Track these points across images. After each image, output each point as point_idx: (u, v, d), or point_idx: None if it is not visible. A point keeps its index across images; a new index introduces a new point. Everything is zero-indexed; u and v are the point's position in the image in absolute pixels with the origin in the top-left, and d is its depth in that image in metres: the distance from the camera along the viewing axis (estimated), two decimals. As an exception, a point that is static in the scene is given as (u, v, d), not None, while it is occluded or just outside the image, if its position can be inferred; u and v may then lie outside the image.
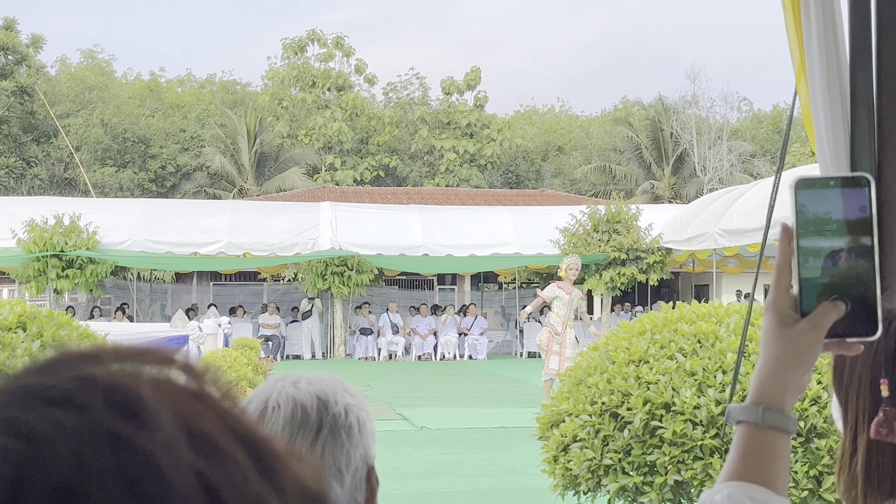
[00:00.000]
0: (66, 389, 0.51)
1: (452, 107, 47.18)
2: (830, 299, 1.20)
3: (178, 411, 0.52)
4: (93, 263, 24.00)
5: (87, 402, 0.50)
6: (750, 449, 1.24)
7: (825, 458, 4.46)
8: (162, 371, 0.55)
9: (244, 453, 0.53)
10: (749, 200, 21.45)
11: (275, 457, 0.54)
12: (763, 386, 1.24)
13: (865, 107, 2.84)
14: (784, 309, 1.22)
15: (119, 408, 0.50)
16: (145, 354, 0.56)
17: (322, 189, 37.24)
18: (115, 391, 0.51)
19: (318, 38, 47.34)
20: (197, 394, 0.54)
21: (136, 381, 0.53)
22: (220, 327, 16.72)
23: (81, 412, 0.50)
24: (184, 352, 0.59)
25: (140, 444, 0.49)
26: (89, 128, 44.79)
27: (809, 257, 1.19)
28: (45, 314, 5.53)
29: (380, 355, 26.84)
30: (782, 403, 1.24)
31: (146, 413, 0.51)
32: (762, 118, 52.59)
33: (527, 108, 59.95)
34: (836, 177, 1.21)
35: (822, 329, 1.21)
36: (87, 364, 0.53)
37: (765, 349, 1.25)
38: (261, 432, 0.55)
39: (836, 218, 1.19)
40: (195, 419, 0.52)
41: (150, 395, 0.52)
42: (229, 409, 0.55)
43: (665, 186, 44.37)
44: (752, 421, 1.24)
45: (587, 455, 4.85)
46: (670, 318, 5.26)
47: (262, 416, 1.58)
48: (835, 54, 2.90)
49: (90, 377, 0.52)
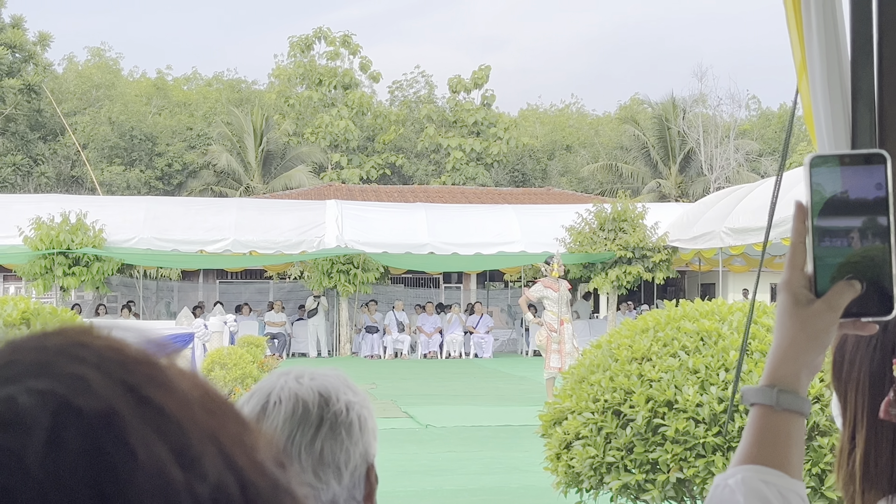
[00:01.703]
0: (73, 350, 0.53)
1: (459, 105, 47.15)
2: (846, 279, 1.18)
3: (184, 376, 0.56)
4: (99, 261, 24.05)
5: (100, 360, 0.53)
6: (764, 432, 1.23)
7: (827, 455, 4.46)
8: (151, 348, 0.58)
9: (235, 416, 0.57)
10: (755, 199, 21.42)
11: (251, 424, 0.58)
12: (777, 367, 1.23)
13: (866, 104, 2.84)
14: (798, 289, 1.21)
15: (132, 365, 0.53)
16: (125, 332, 0.58)
17: (328, 187, 37.26)
18: (124, 353, 0.54)
19: (325, 36, 47.36)
20: (181, 366, 0.58)
21: (134, 347, 0.56)
22: (225, 325, 16.74)
23: (99, 367, 0.52)
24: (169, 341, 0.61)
25: (160, 398, 0.52)
26: (96, 126, 44.87)
27: (824, 236, 1.18)
28: (48, 311, 5.54)
29: (385, 353, 26.87)
30: (797, 385, 1.23)
31: (160, 374, 0.54)
32: (769, 117, 52.48)
33: (534, 106, 59.94)
34: (853, 153, 1.20)
35: (838, 309, 1.19)
36: (79, 334, 0.55)
37: (779, 330, 1.23)
38: (233, 404, 0.59)
39: (852, 196, 1.17)
40: (193, 384, 0.56)
41: (153, 359, 0.55)
42: (211, 383, 0.59)
43: (671, 185, 44.31)
44: (767, 403, 1.22)
45: (590, 452, 4.85)
46: (673, 315, 5.26)
47: (264, 411, 1.58)
48: (835, 51, 2.90)
49: (90, 343, 0.55)
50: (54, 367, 0.51)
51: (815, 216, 1.18)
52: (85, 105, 46.23)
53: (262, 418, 1.57)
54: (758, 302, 4.80)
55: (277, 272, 30.24)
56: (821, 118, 2.93)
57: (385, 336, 27.08)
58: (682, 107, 44.50)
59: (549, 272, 14.67)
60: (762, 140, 47.50)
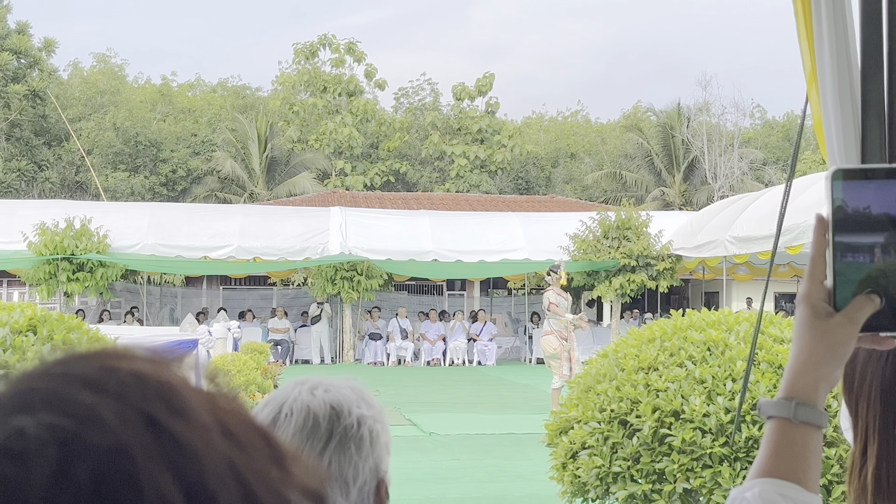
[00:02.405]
0: (98, 377, 0.53)
1: (463, 112, 47.19)
2: (865, 293, 1.18)
3: (205, 402, 0.55)
4: (103, 267, 24.07)
5: (122, 388, 0.52)
6: (782, 445, 1.22)
7: (834, 467, 4.44)
8: (179, 371, 0.57)
9: (262, 444, 0.55)
10: (760, 208, 21.39)
11: (284, 451, 0.57)
12: (796, 380, 1.22)
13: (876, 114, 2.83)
14: (818, 302, 1.20)
15: (154, 395, 0.53)
16: (162, 354, 0.58)
17: (332, 194, 37.28)
18: (146, 380, 0.53)
19: (330, 43, 47.44)
20: (215, 390, 0.58)
21: (165, 374, 0.55)
22: (229, 331, 16.75)
23: (118, 397, 0.51)
24: (194, 354, 0.61)
25: (178, 429, 0.51)
26: (101, 131, 44.95)
27: (844, 250, 1.17)
28: (55, 317, 5.54)
29: (389, 360, 26.85)
30: (815, 398, 1.21)
31: (180, 401, 0.53)
32: (773, 125, 52.49)
33: (539, 113, 59.99)
34: (874, 168, 1.19)
35: (858, 323, 1.19)
36: (111, 359, 0.55)
37: (798, 342, 1.22)
38: (269, 429, 0.58)
39: (874, 211, 1.16)
40: (220, 411, 0.55)
41: (181, 386, 0.55)
42: (243, 406, 0.58)
43: (676, 193, 44.30)
44: (785, 416, 1.21)
45: (596, 462, 4.84)
46: (680, 325, 5.25)
47: (275, 422, 1.58)
48: (846, 62, 2.89)
49: (119, 368, 0.54)
50: (71, 398, 0.51)
51: (835, 230, 1.17)
52: (90, 111, 46.32)
53: (273, 429, 1.57)
54: (765, 312, 4.79)
55: (281, 279, 30.25)
56: (831, 128, 2.92)
57: (388, 343, 27.07)
58: (687, 115, 44.51)
59: (558, 280, 14.56)
60: (766, 148, 47.49)
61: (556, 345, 14.12)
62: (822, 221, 1.19)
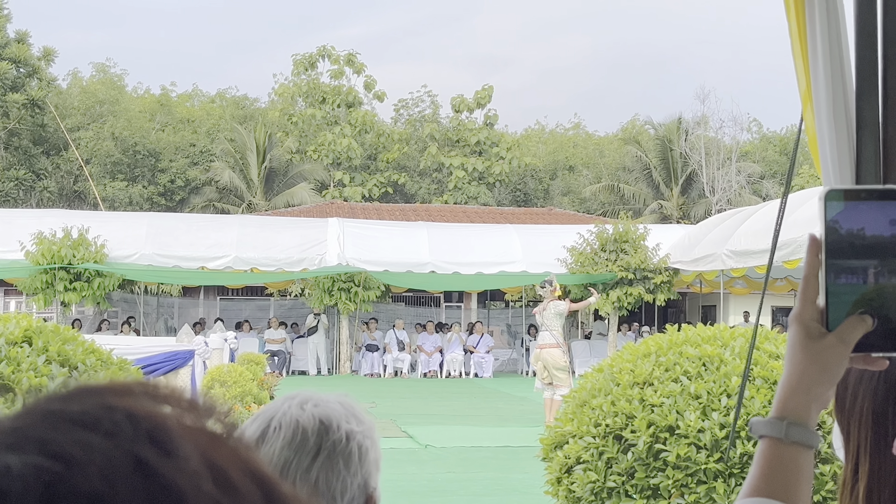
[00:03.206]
0: (93, 415, 0.52)
1: (462, 124, 47.25)
2: (858, 313, 1.18)
3: (199, 445, 0.53)
4: (100, 276, 24.05)
5: (114, 427, 0.51)
6: (773, 464, 1.22)
7: (829, 483, 4.44)
8: (180, 409, 0.57)
9: (258, 492, 0.54)
10: (757, 222, 21.42)
11: (283, 499, 0.56)
12: (787, 400, 1.22)
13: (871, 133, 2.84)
14: (810, 322, 1.20)
15: (145, 436, 0.52)
16: (165, 392, 0.57)
17: (330, 205, 37.30)
18: (141, 421, 0.53)
19: (329, 54, 47.51)
20: (213, 432, 0.56)
21: (161, 414, 0.54)
22: (226, 342, 16.72)
23: (110, 437, 0.51)
24: (201, 393, 0.60)
25: (166, 472, 0.50)
26: (99, 141, 44.96)
27: (837, 270, 1.17)
28: (50, 329, 5.54)
29: (385, 372, 26.83)
30: (807, 418, 1.21)
31: (172, 444, 0.52)
32: (771, 139, 52.56)
33: (538, 125, 60.07)
34: (868, 189, 1.19)
35: (850, 343, 1.19)
36: (111, 395, 0.55)
37: (790, 362, 1.22)
38: (271, 474, 0.57)
39: (867, 232, 1.16)
40: (214, 455, 0.54)
41: (175, 427, 0.53)
42: (243, 449, 0.56)
43: (673, 206, 44.34)
44: (776, 436, 1.21)
45: (590, 477, 4.83)
46: (675, 340, 5.25)
47: (264, 436, 1.58)
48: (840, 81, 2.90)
49: (116, 406, 0.53)
50: (62, 439, 0.50)
51: (828, 250, 1.17)
52: (88, 120, 46.33)
53: (262, 443, 1.57)
54: (760, 328, 4.80)
55: (278, 289, 30.23)
56: (825, 146, 2.93)
57: (385, 354, 27.05)
58: (685, 128, 44.59)
59: (552, 292, 14.57)
60: (764, 162, 47.57)
61: (563, 357, 14.13)
62: (816, 241, 1.19)
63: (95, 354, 5.58)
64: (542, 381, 14.43)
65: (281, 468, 1.54)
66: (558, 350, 14.24)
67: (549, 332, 14.40)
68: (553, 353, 14.24)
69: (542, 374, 14.49)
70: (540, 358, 14.49)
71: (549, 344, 14.36)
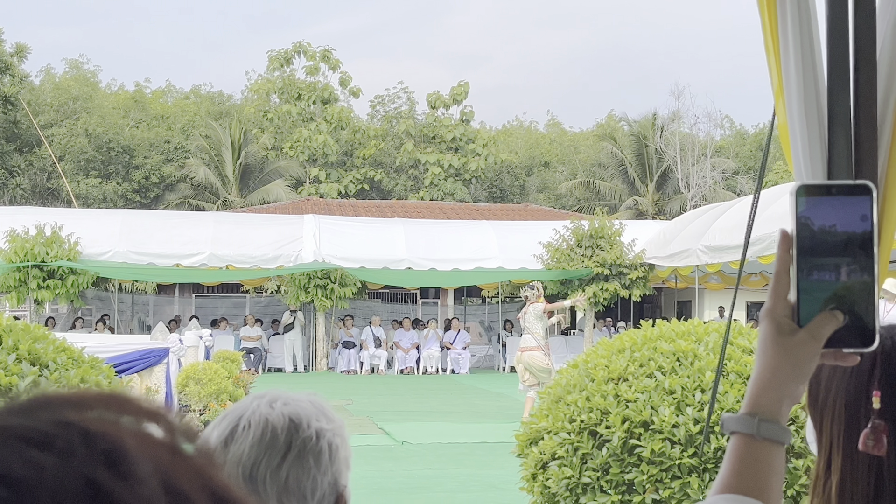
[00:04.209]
0: (46, 432, 0.50)
1: (438, 121, 47.23)
2: (828, 309, 1.18)
3: (158, 466, 0.51)
4: (74, 274, 23.88)
5: (68, 447, 0.49)
6: (744, 461, 1.21)
7: (802, 477, 4.46)
8: (141, 423, 0.54)
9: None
10: (732, 217, 21.51)
11: None
12: (759, 396, 1.22)
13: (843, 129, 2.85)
14: (782, 318, 1.20)
15: (101, 456, 0.50)
16: (126, 404, 0.54)
17: (306, 202, 37.20)
18: (96, 439, 0.50)
19: (305, 50, 47.37)
20: (175, 449, 0.53)
21: (118, 431, 0.52)
22: (201, 340, 16.64)
23: (63, 457, 0.49)
24: (164, 405, 0.58)
25: (120, 497, 0.48)
26: (73, 138, 44.63)
27: (808, 266, 1.17)
28: (21, 327, 5.48)
29: (362, 369, 26.79)
30: (778, 414, 1.21)
31: (127, 465, 0.50)
32: (745, 136, 52.86)
33: (515, 122, 60.15)
34: (839, 184, 1.19)
35: (822, 339, 1.19)
36: (68, 409, 0.52)
37: (762, 358, 1.22)
38: (236, 493, 0.54)
39: (837, 227, 1.16)
40: (173, 475, 0.51)
41: (132, 446, 0.51)
42: (206, 468, 0.54)
43: (648, 202, 44.51)
44: (748, 432, 1.21)
45: (565, 473, 4.84)
46: (650, 336, 5.26)
47: (233, 434, 1.56)
48: (812, 76, 2.91)
49: (71, 422, 0.51)
50: (12, 457, 0.48)
51: (799, 246, 1.17)
52: (62, 117, 45.98)
53: (231, 442, 1.55)
54: (734, 323, 4.81)
55: (254, 286, 30.12)
56: (797, 142, 2.94)
57: (362, 351, 27.01)
58: (660, 125, 44.77)
59: (537, 297, 14.87)
60: (738, 158, 47.82)
61: (544, 359, 14.26)
62: (787, 237, 1.19)
63: (67, 353, 5.52)
64: (524, 382, 14.56)
65: (251, 467, 1.53)
66: (539, 353, 14.41)
67: (531, 335, 14.58)
68: (533, 356, 14.41)
69: (523, 375, 14.65)
70: (521, 361, 14.65)
71: (529, 347, 14.53)
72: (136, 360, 12.92)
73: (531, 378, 14.36)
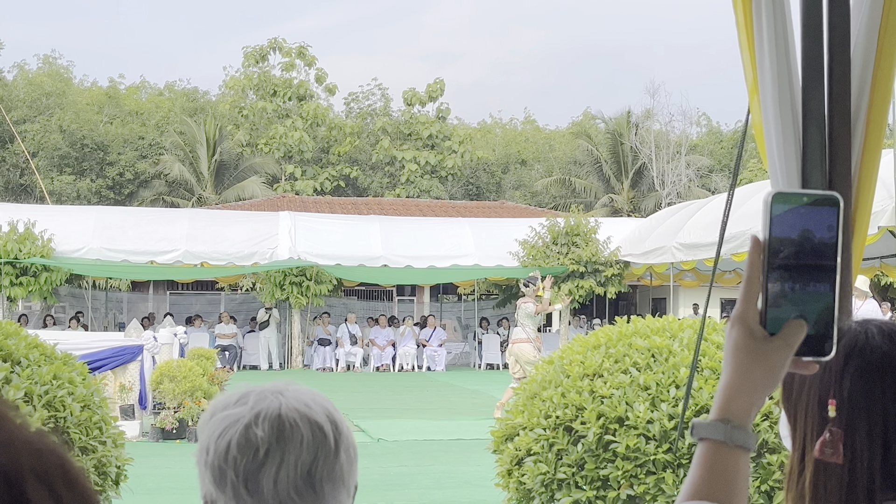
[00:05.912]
0: None
1: (414, 118, 47.19)
2: (793, 317, 1.18)
3: None
4: (47, 271, 23.70)
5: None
6: (715, 468, 1.21)
7: (776, 473, 4.49)
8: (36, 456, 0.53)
9: None
10: (706, 215, 21.62)
11: None
12: (730, 402, 1.21)
13: (817, 125, 2.87)
14: (754, 324, 1.19)
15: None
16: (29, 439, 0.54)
17: (281, 198, 37.09)
18: None
19: (280, 47, 47.21)
20: None
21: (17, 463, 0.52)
22: (175, 337, 16.54)
23: None
24: None
25: None
26: (46, 134, 44.28)
27: (776, 272, 1.18)
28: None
29: (338, 366, 26.75)
30: (747, 421, 1.21)
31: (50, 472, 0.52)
32: (719, 134, 53.11)
33: (491, 119, 60.19)
34: (810, 193, 1.20)
35: (794, 347, 1.18)
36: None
37: (733, 364, 1.21)
38: None
39: (806, 236, 1.17)
40: None
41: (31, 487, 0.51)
42: None
43: (624, 200, 44.65)
44: (719, 439, 1.20)
45: (541, 469, 4.84)
46: (625, 332, 5.27)
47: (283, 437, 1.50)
48: (786, 74, 2.92)
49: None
50: None
51: (770, 252, 1.18)
52: (35, 113, 45.61)
53: (283, 442, 1.50)
54: (708, 318, 4.83)
55: (229, 284, 30.01)
56: (772, 138, 2.95)
57: (338, 349, 26.96)
58: (635, 122, 44.92)
59: (535, 291, 15.15)
60: (712, 156, 48.05)
61: (533, 352, 14.48)
62: (758, 243, 1.19)
63: (39, 349, 5.48)
64: (514, 374, 14.83)
65: (310, 464, 1.52)
66: (528, 345, 14.79)
67: (522, 328, 15.03)
68: (523, 348, 14.81)
69: (513, 367, 15.06)
70: (512, 352, 15.12)
71: (520, 339, 14.96)
72: (110, 358, 12.85)
73: (521, 370, 14.58)
